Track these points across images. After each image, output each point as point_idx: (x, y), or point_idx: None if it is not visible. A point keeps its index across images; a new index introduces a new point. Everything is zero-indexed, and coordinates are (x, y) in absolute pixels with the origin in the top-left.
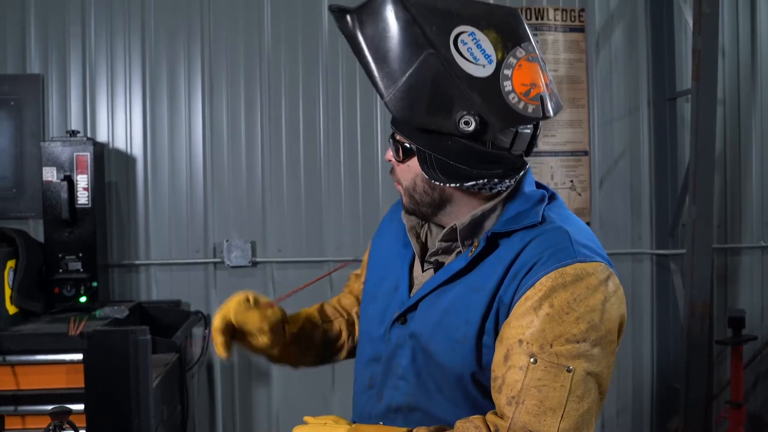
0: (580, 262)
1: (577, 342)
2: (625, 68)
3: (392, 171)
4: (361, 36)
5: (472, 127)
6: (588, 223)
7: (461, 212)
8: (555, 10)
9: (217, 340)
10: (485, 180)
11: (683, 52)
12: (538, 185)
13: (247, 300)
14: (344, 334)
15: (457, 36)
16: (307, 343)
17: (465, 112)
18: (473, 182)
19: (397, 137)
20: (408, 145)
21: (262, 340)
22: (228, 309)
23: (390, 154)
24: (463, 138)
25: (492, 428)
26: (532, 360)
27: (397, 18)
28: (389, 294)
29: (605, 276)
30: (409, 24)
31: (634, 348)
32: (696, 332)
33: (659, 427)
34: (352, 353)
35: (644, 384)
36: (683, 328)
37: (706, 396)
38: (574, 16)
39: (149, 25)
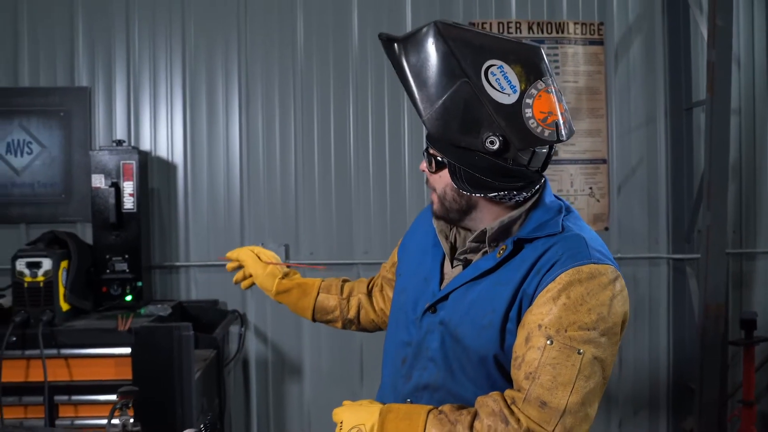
0: (594, 263)
1: (588, 330)
2: (642, 79)
3: (427, 180)
4: (405, 62)
5: (496, 146)
6: (606, 228)
7: (485, 218)
8: (575, 24)
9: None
10: (506, 192)
11: (699, 64)
12: (555, 197)
13: (254, 252)
14: (337, 311)
15: (487, 68)
16: (299, 300)
17: (491, 133)
18: (495, 193)
19: (431, 151)
20: (440, 159)
21: (251, 281)
22: (239, 252)
23: (424, 165)
24: (488, 155)
25: (509, 401)
26: (549, 342)
27: (437, 50)
28: (419, 286)
29: (614, 277)
30: (447, 55)
31: (651, 349)
32: (710, 334)
33: (674, 426)
34: (348, 326)
35: (660, 384)
36: (698, 330)
37: (721, 396)
38: (594, 30)
39: (189, 41)
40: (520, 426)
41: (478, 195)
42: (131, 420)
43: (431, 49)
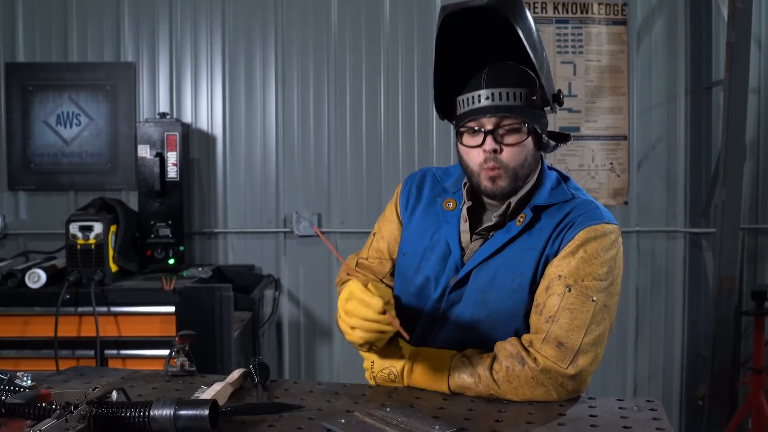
0: (606, 223)
1: (601, 281)
2: (664, 59)
3: (493, 159)
4: (522, 34)
5: (561, 96)
6: (626, 203)
7: (533, 176)
8: (599, 4)
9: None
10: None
11: (720, 44)
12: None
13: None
14: None
15: (538, 31)
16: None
17: (558, 89)
18: (551, 144)
19: (513, 121)
20: (536, 127)
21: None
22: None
23: (512, 138)
24: (545, 111)
25: (526, 344)
26: (567, 289)
27: (530, 20)
28: (438, 263)
29: (618, 236)
30: (533, 25)
31: (667, 319)
32: (723, 305)
33: (687, 393)
34: None
35: (675, 353)
36: (711, 301)
37: (732, 365)
38: (617, 11)
39: (229, 18)
40: (536, 365)
41: (558, 146)
42: (188, 361)
43: (530, 19)
